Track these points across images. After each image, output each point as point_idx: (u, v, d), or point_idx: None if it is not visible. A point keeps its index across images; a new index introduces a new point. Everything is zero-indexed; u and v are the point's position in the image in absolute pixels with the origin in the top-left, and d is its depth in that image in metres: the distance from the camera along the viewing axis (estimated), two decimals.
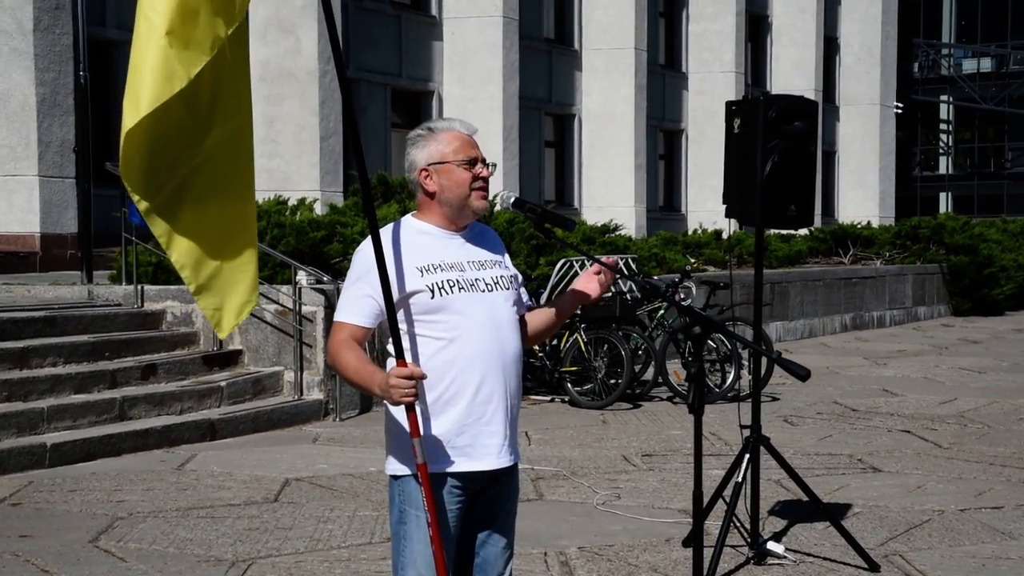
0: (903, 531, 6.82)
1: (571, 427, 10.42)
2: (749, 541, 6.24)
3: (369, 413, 10.80)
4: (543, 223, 3.71)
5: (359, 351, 3.46)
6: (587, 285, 3.68)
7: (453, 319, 3.45)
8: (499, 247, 3.66)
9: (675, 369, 12.27)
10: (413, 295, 3.44)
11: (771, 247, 20.34)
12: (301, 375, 10.72)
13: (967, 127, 56.92)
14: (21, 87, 15.82)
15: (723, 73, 32.31)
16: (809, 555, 6.31)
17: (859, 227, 23.99)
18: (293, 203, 12.96)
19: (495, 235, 3.71)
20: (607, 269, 3.65)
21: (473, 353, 3.46)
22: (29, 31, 15.74)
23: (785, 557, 6.20)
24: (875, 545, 6.47)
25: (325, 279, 10.86)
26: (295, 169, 20.21)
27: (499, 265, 3.59)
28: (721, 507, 6.24)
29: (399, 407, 3.42)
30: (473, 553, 3.63)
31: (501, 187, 22.44)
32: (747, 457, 6.18)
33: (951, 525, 6.96)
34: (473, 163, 3.51)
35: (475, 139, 3.57)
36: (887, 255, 23.16)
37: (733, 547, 6.27)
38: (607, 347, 11.64)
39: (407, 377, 3.30)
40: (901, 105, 42.49)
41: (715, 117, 30.50)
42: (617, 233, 16.61)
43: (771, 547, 6.22)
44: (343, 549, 6.37)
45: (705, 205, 31.23)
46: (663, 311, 12.60)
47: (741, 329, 13.11)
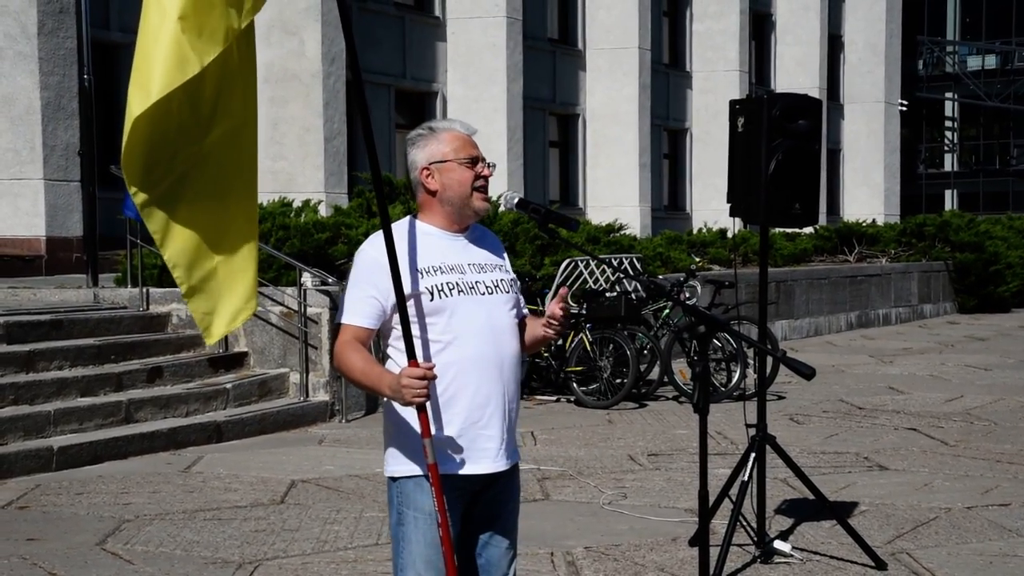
0: (910, 529, 6.82)
1: (577, 427, 10.41)
2: (756, 540, 6.23)
3: (375, 414, 10.81)
4: (547, 223, 3.71)
5: (365, 352, 3.45)
6: (544, 330, 3.54)
7: (452, 322, 3.44)
8: (499, 250, 3.65)
9: (681, 368, 12.26)
10: (412, 297, 3.44)
11: (776, 246, 20.32)
12: (307, 377, 10.73)
13: (972, 124, 56.88)
14: (26, 91, 15.83)
15: (727, 72, 32.28)
16: (816, 553, 6.31)
17: (864, 225, 23.97)
18: (298, 205, 12.96)
19: (495, 238, 3.70)
20: (564, 307, 3.48)
21: (471, 356, 3.45)
22: (33, 35, 15.76)
23: (792, 556, 6.20)
24: (882, 543, 6.46)
25: (330, 280, 10.87)
26: (300, 171, 20.21)
27: (499, 269, 3.58)
28: (728, 506, 6.24)
29: (407, 408, 3.41)
30: (475, 555, 3.62)
31: (506, 187, 22.47)
32: (753, 456, 6.18)
33: (958, 523, 6.95)
34: (474, 163, 3.51)
35: (475, 140, 3.57)
36: (892, 253, 23.14)
37: (740, 546, 6.27)
38: (612, 347, 11.63)
39: (420, 378, 3.29)
40: (906, 103, 42.45)
41: (719, 116, 30.45)
42: (622, 232, 16.60)
43: (778, 546, 6.21)
44: (350, 550, 6.37)
45: (710, 204, 31.20)
46: (668, 310, 12.59)
47: (746, 328, 13.10)
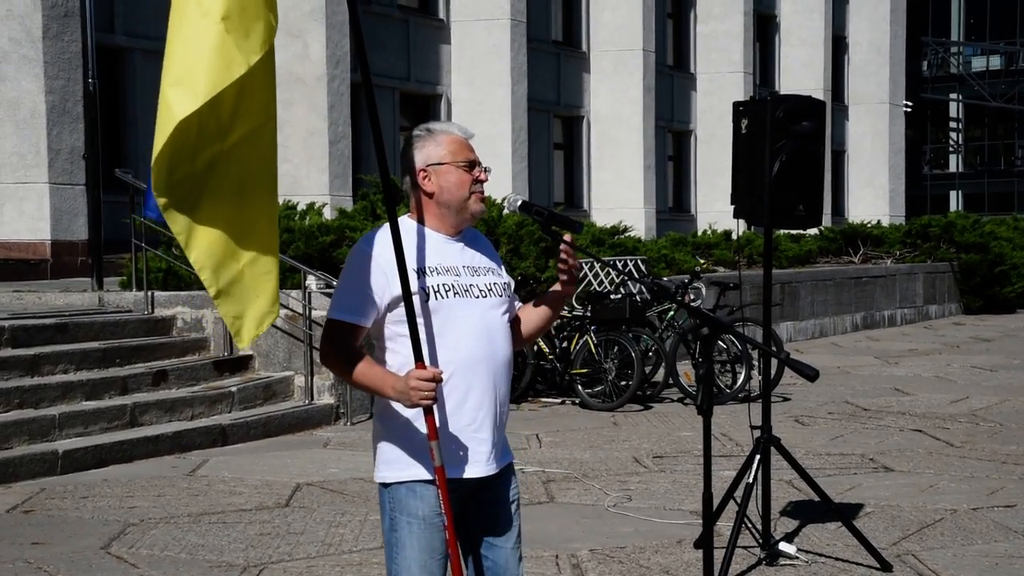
0: (915, 530, 6.81)
1: (582, 429, 10.41)
2: (761, 542, 6.23)
3: None
4: (550, 225, 3.71)
5: (361, 351, 3.44)
6: (559, 282, 3.62)
7: (445, 324, 3.43)
8: (493, 254, 3.65)
9: (686, 370, 12.25)
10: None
11: (781, 247, 20.31)
12: (312, 380, 10.73)
13: (977, 125, 56.83)
14: (31, 95, 15.86)
15: (731, 73, 32.27)
16: (821, 555, 6.30)
17: (869, 226, 23.96)
18: (302, 208, 12.97)
19: (488, 241, 3.70)
20: (568, 248, 3.53)
21: (464, 359, 3.44)
22: (38, 39, 15.78)
23: (797, 558, 6.19)
24: (887, 545, 6.45)
25: (335, 283, 10.87)
26: (304, 174, 20.22)
27: (493, 272, 3.58)
28: (733, 508, 6.23)
29: (406, 411, 3.40)
30: (480, 558, 3.61)
31: (510, 190, 22.48)
32: (758, 458, 6.17)
33: (964, 524, 6.93)
34: (472, 166, 3.51)
35: (472, 143, 3.57)
36: (897, 254, 23.12)
37: (745, 548, 6.26)
38: (617, 349, 11.63)
39: (428, 379, 3.28)
40: (910, 103, 42.42)
41: (724, 118, 30.29)
42: (626, 235, 16.60)
43: (783, 548, 6.21)
44: (354, 553, 6.37)
45: (714, 206, 31.19)
46: (673, 312, 12.59)
47: (751, 330, 13.09)
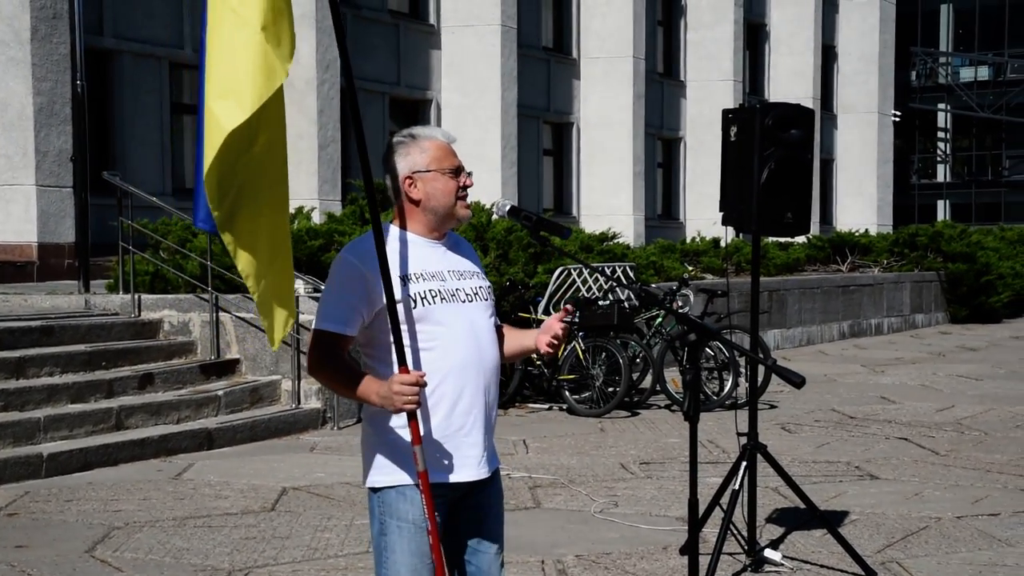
0: (900, 538, 6.82)
1: (569, 435, 10.41)
2: (746, 549, 6.23)
3: None
4: (538, 231, 3.72)
5: (347, 360, 3.44)
6: (541, 338, 3.58)
7: (434, 329, 3.43)
8: (475, 258, 3.66)
9: (673, 377, 12.26)
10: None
11: (769, 255, 20.34)
12: (299, 384, 10.71)
13: (965, 135, 56.97)
14: (18, 96, 15.81)
15: (721, 81, 32.32)
16: (806, 562, 6.31)
17: (857, 235, 23.99)
18: (291, 212, 12.96)
19: (469, 245, 3.71)
20: (565, 327, 3.53)
21: (454, 364, 3.44)
22: (26, 40, 15.74)
23: (782, 565, 6.20)
24: (872, 552, 6.47)
25: (323, 287, 10.85)
26: (293, 177, 19.94)
27: (477, 276, 3.58)
28: (719, 515, 6.24)
29: (393, 416, 3.40)
30: (463, 562, 3.61)
31: (500, 195, 22.48)
32: (744, 465, 6.17)
33: (948, 532, 6.95)
34: (457, 172, 3.51)
35: (455, 148, 3.57)
36: (885, 263, 23.17)
37: (730, 555, 6.27)
38: (605, 355, 11.63)
39: (411, 383, 3.28)
40: (899, 113, 42.54)
41: (713, 125, 30.20)
42: (615, 241, 16.60)
43: (768, 555, 6.21)
44: (340, 558, 6.36)
45: (703, 213, 31.21)
46: (661, 319, 12.60)
47: (739, 337, 13.10)
